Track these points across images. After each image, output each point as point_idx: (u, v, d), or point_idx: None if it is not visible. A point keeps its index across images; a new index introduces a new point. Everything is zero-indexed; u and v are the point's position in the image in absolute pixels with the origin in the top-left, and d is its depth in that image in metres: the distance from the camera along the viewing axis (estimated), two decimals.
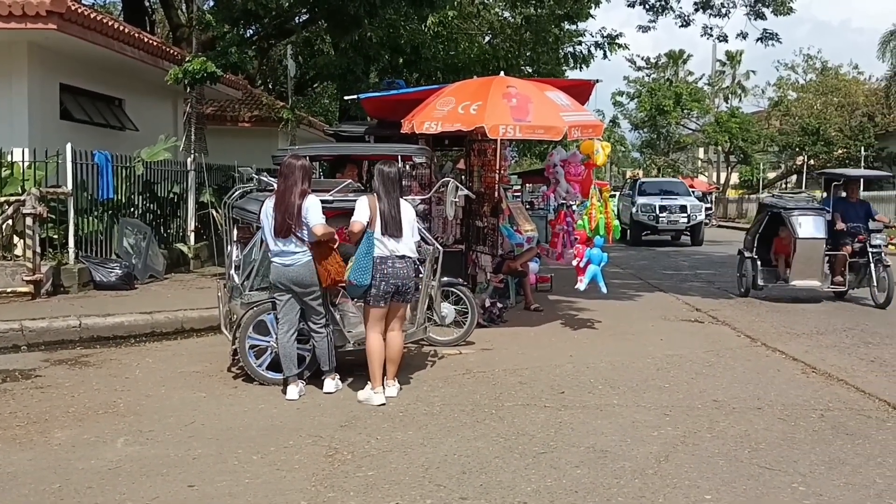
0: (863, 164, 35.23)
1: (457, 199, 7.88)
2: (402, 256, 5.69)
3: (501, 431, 4.96)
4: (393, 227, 5.68)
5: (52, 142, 10.14)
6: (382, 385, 5.68)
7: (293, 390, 5.67)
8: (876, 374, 6.64)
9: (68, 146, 9.83)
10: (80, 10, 10.99)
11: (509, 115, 7.77)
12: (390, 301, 5.71)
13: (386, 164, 5.90)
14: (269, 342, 6.02)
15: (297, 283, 5.69)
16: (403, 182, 6.50)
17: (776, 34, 16.44)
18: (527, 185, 23.92)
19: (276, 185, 5.88)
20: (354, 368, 6.18)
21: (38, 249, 9.11)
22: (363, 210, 5.70)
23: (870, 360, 7.13)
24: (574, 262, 8.65)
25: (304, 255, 5.68)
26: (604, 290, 8.57)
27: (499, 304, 8.94)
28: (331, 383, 5.82)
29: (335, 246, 5.81)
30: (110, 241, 10.50)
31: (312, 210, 5.63)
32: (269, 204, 5.76)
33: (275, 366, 6.01)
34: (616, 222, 8.62)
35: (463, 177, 10.32)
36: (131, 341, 7.73)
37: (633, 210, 23.32)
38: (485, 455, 4.52)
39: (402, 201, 5.84)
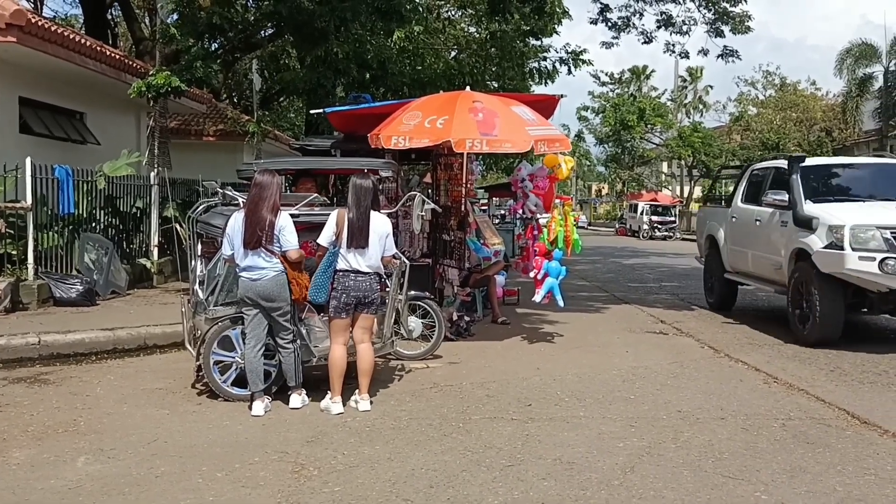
0: None
1: (423, 213, 7.88)
2: (366, 269, 5.74)
3: (469, 445, 4.96)
4: (359, 240, 5.70)
5: (11, 156, 9.96)
6: (341, 395, 5.69)
7: (259, 406, 5.62)
8: (836, 383, 6.77)
9: (28, 160, 9.66)
10: (40, 23, 10.84)
11: (476, 129, 7.82)
12: (353, 312, 5.75)
13: (360, 177, 5.94)
14: (234, 358, 5.96)
15: (264, 298, 5.65)
16: (379, 195, 6.49)
17: (736, 51, 16.85)
18: (493, 198, 24.05)
19: (246, 198, 5.86)
20: (321, 383, 6.13)
21: None
22: (330, 227, 5.76)
23: (830, 370, 7.27)
24: (531, 274, 8.70)
25: (272, 269, 5.65)
26: (560, 303, 8.54)
27: (466, 318, 8.96)
28: (297, 399, 5.78)
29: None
30: (71, 257, 10.32)
31: (288, 232, 5.67)
32: (239, 217, 5.72)
33: (240, 382, 5.95)
34: (576, 236, 8.61)
35: (430, 190, 10.33)
36: (92, 358, 7.58)
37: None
38: (452, 469, 4.51)
39: (375, 214, 5.87)
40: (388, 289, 6.32)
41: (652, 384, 6.67)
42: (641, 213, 41.68)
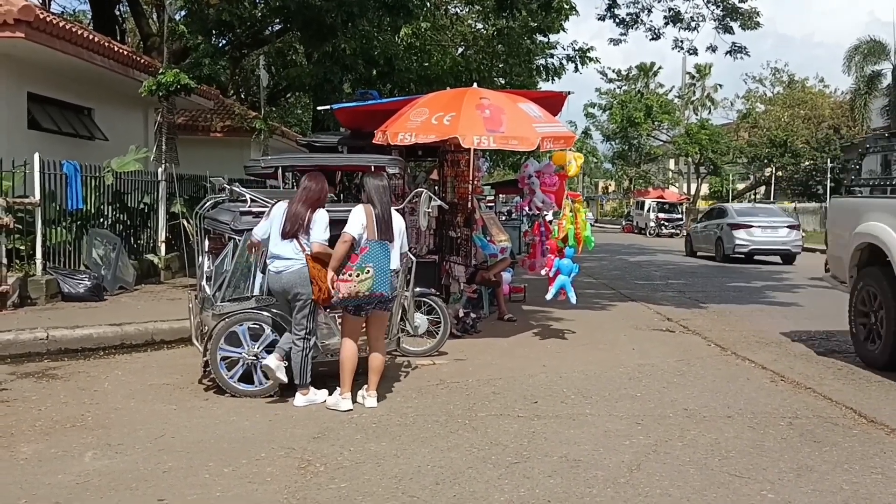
0: (829, 175, 35.93)
1: (430, 210, 7.90)
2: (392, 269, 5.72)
3: (475, 442, 4.96)
4: (388, 233, 5.71)
5: (20, 151, 9.99)
6: (351, 392, 5.68)
7: (300, 398, 5.74)
8: (843, 382, 6.74)
9: (36, 156, 9.70)
10: (48, 19, 10.86)
11: (483, 125, 7.81)
12: (371, 311, 5.73)
13: (374, 177, 5.94)
14: (241, 354, 5.97)
15: (285, 289, 5.74)
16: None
17: (745, 47, 16.73)
18: (500, 195, 24.02)
19: (297, 190, 6.03)
20: (327, 380, 6.15)
21: (5, 260, 8.97)
22: (359, 219, 5.69)
23: (837, 369, 7.25)
24: (543, 272, 8.69)
25: (298, 262, 5.72)
26: (572, 300, 8.52)
27: (472, 315, 8.96)
28: (301, 398, 5.77)
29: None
30: (79, 252, 10.36)
31: (318, 225, 5.78)
32: (283, 206, 5.84)
33: (246, 377, 5.97)
34: (587, 233, 8.60)
35: (436, 187, 10.34)
36: (100, 354, 7.61)
37: None
38: (458, 465, 4.52)
39: (393, 211, 5.89)
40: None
41: (658, 382, 6.66)
42: (648, 211, 41.55)
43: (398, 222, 5.90)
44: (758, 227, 20.50)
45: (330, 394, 5.78)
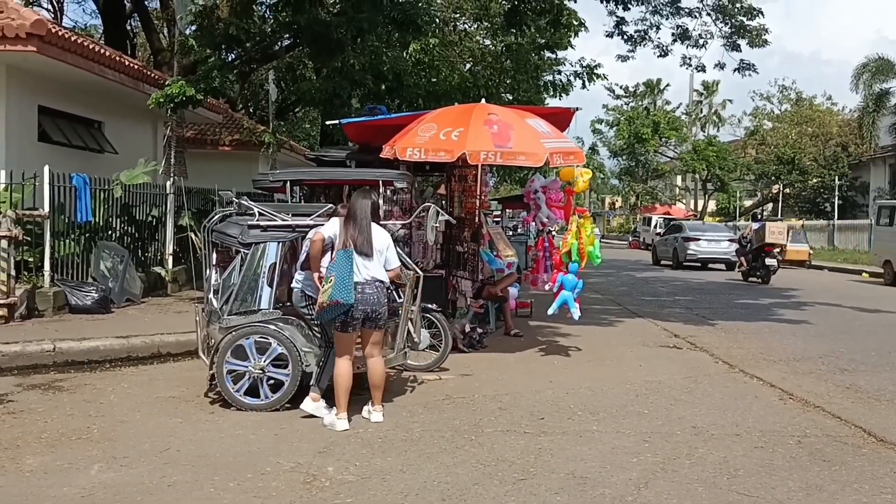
0: (837, 192, 35.86)
1: (437, 225, 7.90)
2: (374, 280, 5.65)
3: (481, 458, 4.93)
4: (365, 248, 5.66)
5: (30, 164, 10.05)
6: (347, 411, 5.63)
7: (310, 404, 5.78)
8: (852, 400, 6.70)
9: (46, 168, 9.75)
10: (60, 33, 10.96)
11: (491, 141, 7.83)
12: (361, 327, 5.67)
13: (361, 195, 5.92)
14: (247, 367, 5.96)
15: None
16: (380, 212, 6.40)
17: (753, 64, 16.72)
18: (506, 210, 24.04)
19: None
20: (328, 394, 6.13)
21: (13, 272, 8.99)
22: (332, 227, 5.78)
23: (845, 387, 7.20)
24: (546, 288, 8.65)
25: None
26: (575, 316, 8.44)
27: (479, 330, 8.94)
28: (310, 404, 5.75)
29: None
30: (87, 265, 10.39)
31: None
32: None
33: (252, 391, 5.96)
34: (592, 248, 8.50)
35: (444, 202, 10.34)
36: (106, 366, 7.61)
37: None
38: (464, 482, 4.49)
39: (376, 227, 5.83)
40: (396, 302, 6.31)
41: (666, 399, 6.62)
42: (655, 227, 41.52)
43: (381, 238, 5.81)
44: (704, 240, 24.57)
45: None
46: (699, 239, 24.48)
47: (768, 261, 19.24)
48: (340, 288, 5.45)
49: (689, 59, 17.56)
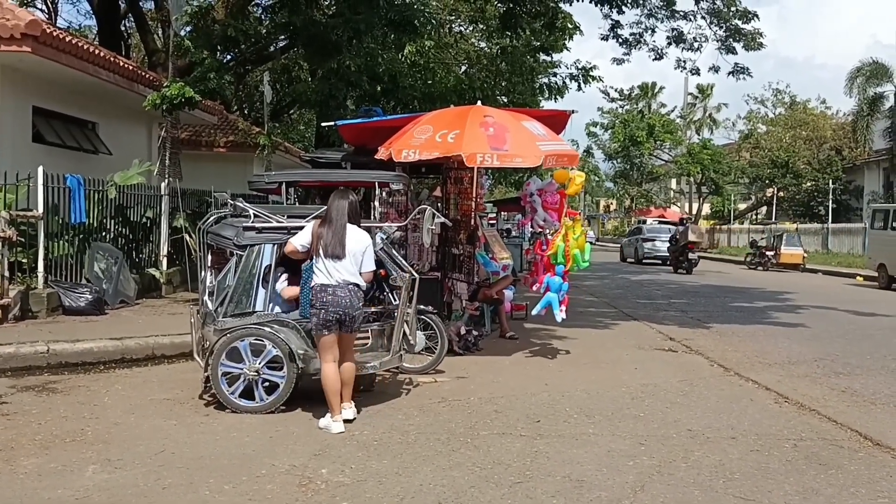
0: (831, 196, 35.97)
1: (433, 227, 7.88)
2: (346, 283, 5.61)
3: (477, 460, 4.92)
4: (336, 249, 5.62)
5: (24, 165, 10.01)
6: (341, 413, 5.61)
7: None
8: (847, 404, 6.70)
9: (40, 169, 9.71)
10: (54, 34, 10.93)
11: (486, 143, 7.83)
12: (337, 329, 5.63)
13: (339, 195, 5.86)
14: (242, 369, 5.94)
15: None
16: (359, 212, 6.33)
17: (747, 68, 16.81)
18: (502, 213, 24.06)
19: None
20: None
21: (7, 273, 8.95)
22: (306, 234, 5.79)
23: (841, 391, 7.21)
24: (534, 288, 8.66)
25: None
26: (558, 318, 8.44)
27: (474, 332, 8.93)
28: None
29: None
30: (81, 266, 10.35)
31: None
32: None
33: (247, 393, 5.94)
34: (576, 252, 8.45)
35: (439, 204, 10.34)
36: (101, 368, 7.58)
37: None
38: (460, 485, 4.48)
39: (354, 228, 5.77)
40: (391, 305, 6.30)
41: (661, 402, 6.62)
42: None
43: (358, 240, 5.75)
44: (659, 240, 28.90)
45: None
46: (654, 240, 29.54)
47: (691, 255, 23.94)
48: (305, 306, 5.86)
49: (684, 62, 17.70)
